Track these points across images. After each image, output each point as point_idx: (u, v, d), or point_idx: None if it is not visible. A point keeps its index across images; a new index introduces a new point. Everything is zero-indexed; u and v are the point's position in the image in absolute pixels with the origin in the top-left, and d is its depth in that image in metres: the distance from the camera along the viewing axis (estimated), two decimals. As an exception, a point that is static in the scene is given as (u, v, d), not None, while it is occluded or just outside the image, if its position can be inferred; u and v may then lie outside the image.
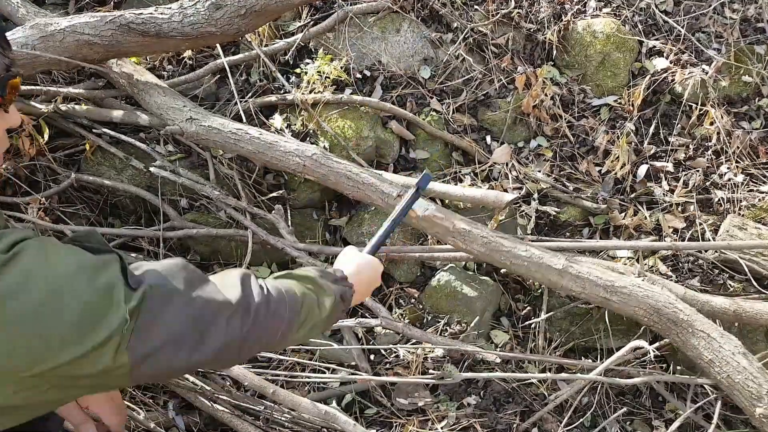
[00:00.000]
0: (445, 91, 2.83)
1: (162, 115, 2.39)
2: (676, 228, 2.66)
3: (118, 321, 0.86)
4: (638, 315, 2.06)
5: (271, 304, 1.08)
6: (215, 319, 1.00)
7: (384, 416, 2.18)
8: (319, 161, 2.21)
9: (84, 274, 0.87)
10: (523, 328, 2.51)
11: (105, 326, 0.85)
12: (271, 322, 1.08)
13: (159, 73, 2.73)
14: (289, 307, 1.12)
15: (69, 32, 2.28)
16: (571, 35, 2.96)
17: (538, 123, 2.83)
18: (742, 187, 2.73)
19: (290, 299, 1.13)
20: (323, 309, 1.19)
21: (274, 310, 1.09)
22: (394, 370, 2.29)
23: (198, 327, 0.97)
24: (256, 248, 2.45)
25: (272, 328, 1.09)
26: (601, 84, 2.95)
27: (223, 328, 1.00)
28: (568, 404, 2.26)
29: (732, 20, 3.09)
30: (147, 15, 2.31)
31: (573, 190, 2.72)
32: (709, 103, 2.84)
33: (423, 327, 2.44)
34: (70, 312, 0.84)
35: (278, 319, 1.10)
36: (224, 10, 2.29)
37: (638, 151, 2.82)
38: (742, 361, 1.94)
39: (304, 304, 1.16)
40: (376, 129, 2.68)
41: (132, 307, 0.87)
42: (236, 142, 2.28)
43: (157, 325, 0.91)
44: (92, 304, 0.86)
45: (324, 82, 2.65)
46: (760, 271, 2.47)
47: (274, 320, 1.09)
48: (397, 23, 2.85)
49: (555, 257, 2.08)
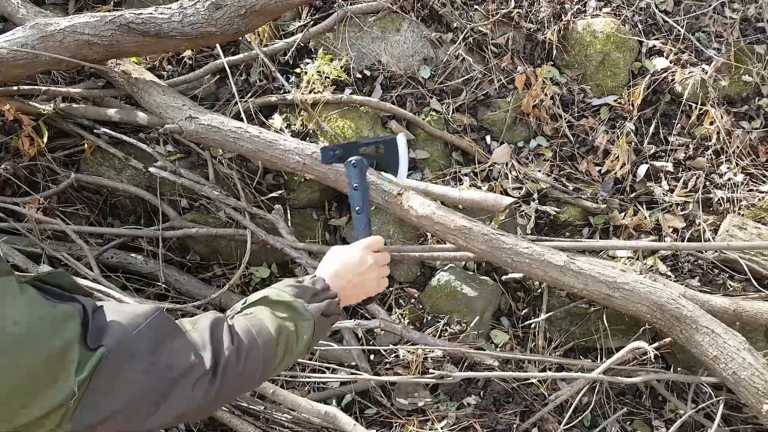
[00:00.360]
0: (444, 90, 2.83)
1: (161, 114, 2.39)
2: (675, 228, 2.66)
3: (65, 393, 0.80)
4: (641, 312, 2.05)
5: (241, 356, 1.02)
6: (177, 385, 0.93)
7: (384, 416, 2.17)
8: (318, 159, 2.21)
9: (38, 335, 0.80)
10: (523, 328, 2.50)
11: (51, 395, 0.79)
12: (243, 374, 1.02)
13: (159, 73, 2.73)
14: (263, 350, 1.06)
15: (69, 32, 2.28)
16: (571, 35, 2.96)
17: (538, 123, 2.83)
18: (742, 186, 2.73)
19: (263, 342, 1.06)
20: (302, 338, 1.12)
21: (245, 360, 1.02)
22: (394, 370, 2.28)
23: (156, 396, 0.90)
24: (255, 248, 2.45)
25: (245, 378, 1.03)
26: (601, 84, 2.95)
27: (185, 394, 0.93)
28: (568, 404, 2.25)
29: (732, 20, 3.09)
30: (147, 15, 2.31)
31: (573, 189, 2.72)
32: (709, 103, 2.84)
33: (423, 327, 2.44)
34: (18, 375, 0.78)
35: (251, 368, 1.04)
36: (224, 10, 2.29)
37: (638, 150, 2.82)
38: (747, 357, 1.93)
39: (279, 341, 1.09)
40: (375, 129, 2.68)
41: (82, 379, 0.81)
42: (235, 140, 2.27)
43: (109, 394, 0.85)
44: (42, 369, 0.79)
45: (324, 82, 2.65)
46: (760, 270, 2.46)
47: (246, 370, 1.03)
48: (397, 23, 2.85)
49: (556, 254, 2.08)
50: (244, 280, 2.58)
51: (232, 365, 1.00)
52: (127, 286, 2.46)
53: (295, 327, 1.12)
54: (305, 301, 1.16)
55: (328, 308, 1.18)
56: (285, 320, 1.11)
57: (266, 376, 1.08)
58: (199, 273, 2.64)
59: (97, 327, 0.87)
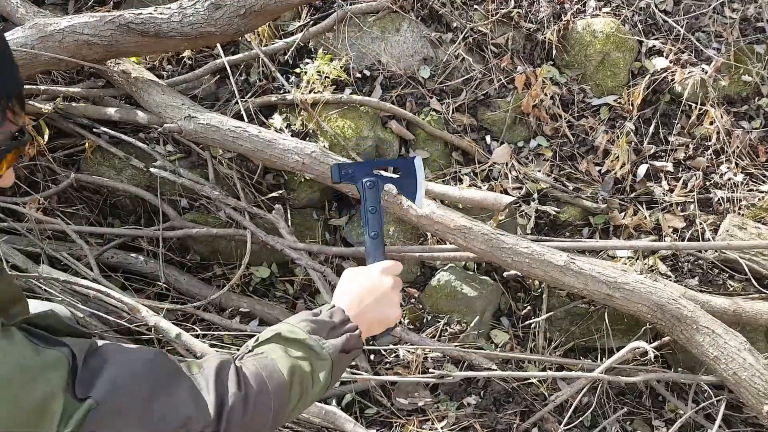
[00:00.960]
0: (444, 90, 2.82)
1: (160, 114, 2.39)
2: (675, 228, 2.66)
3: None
4: (641, 312, 2.05)
5: (249, 403, 0.94)
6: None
7: (384, 416, 2.17)
8: (318, 159, 2.21)
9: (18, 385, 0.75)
10: (523, 328, 2.50)
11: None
12: (252, 422, 0.95)
13: (158, 72, 2.73)
14: (275, 396, 0.97)
15: (68, 32, 2.28)
16: (571, 35, 2.96)
17: (538, 123, 2.83)
18: (742, 186, 2.73)
19: (275, 386, 0.98)
20: (319, 379, 1.03)
21: (254, 407, 0.94)
22: (394, 370, 2.28)
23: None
24: (255, 248, 2.45)
25: (253, 428, 0.95)
26: (601, 84, 2.95)
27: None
28: (568, 404, 2.25)
29: (732, 20, 3.09)
30: (146, 15, 2.31)
31: (573, 189, 2.72)
32: (708, 103, 2.84)
33: (423, 327, 2.44)
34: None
35: (260, 416, 0.96)
36: (223, 10, 2.29)
37: (638, 150, 2.82)
38: (748, 358, 1.93)
39: (293, 384, 1.00)
40: (375, 129, 2.67)
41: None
42: (235, 139, 2.27)
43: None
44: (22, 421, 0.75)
45: (323, 82, 2.65)
46: (760, 270, 2.46)
47: (255, 419, 0.95)
48: (397, 23, 2.85)
49: (557, 254, 2.08)
50: (245, 280, 2.58)
51: (238, 414, 0.93)
52: (127, 286, 2.46)
53: (311, 367, 1.03)
54: (322, 337, 1.06)
55: (347, 343, 1.08)
56: (299, 360, 1.02)
57: (279, 423, 1.00)
58: (199, 273, 2.64)
59: (88, 375, 0.81)
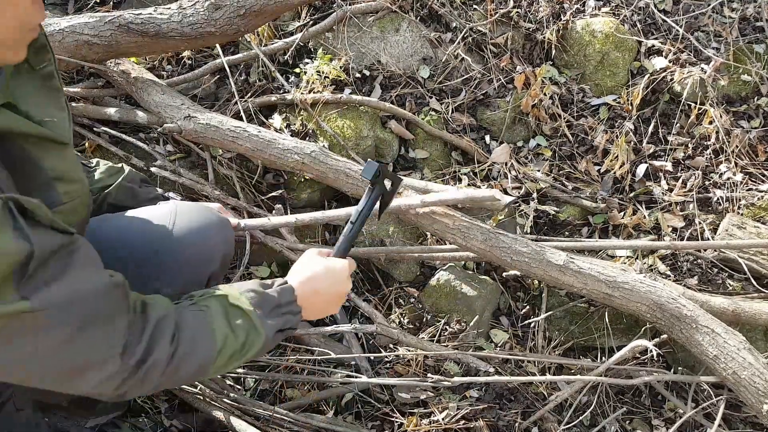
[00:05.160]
0: (444, 90, 2.83)
1: (160, 113, 2.39)
2: (675, 227, 2.66)
3: None
4: (641, 311, 2.05)
5: (174, 360, 0.97)
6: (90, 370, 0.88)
7: (385, 413, 2.17)
8: (317, 158, 2.21)
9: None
10: (523, 327, 2.50)
11: None
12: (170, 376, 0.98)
13: (158, 72, 2.73)
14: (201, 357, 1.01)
15: (68, 32, 2.29)
16: (570, 34, 2.97)
17: (537, 122, 2.83)
18: (741, 186, 2.73)
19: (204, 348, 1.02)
20: (249, 350, 1.08)
21: (178, 364, 0.98)
22: (394, 369, 2.29)
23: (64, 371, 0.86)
24: (255, 248, 2.45)
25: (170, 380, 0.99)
26: (600, 83, 2.96)
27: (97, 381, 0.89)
28: (567, 403, 2.25)
29: (731, 19, 3.09)
30: (146, 15, 2.31)
31: (572, 189, 2.72)
32: (708, 103, 2.84)
33: (422, 326, 2.44)
34: None
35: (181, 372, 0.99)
36: (223, 10, 2.30)
37: (637, 150, 2.82)
38: (747, 357, 1.93)
39: (222, 352, 1.04)
40: (375, 128, 2.68)
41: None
42: (234, 139, 2.28)
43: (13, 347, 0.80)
44: None
45: (323, 82, 2.65)
46: (759, 270, 2.47)
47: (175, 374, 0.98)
48: (396, 23, 2.85)
49: (556, 253, 2.08)
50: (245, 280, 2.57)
51: (160, 367, 0.96)
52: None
53: (245, 338, 1.07)
54: (264, 313, 1.09)
55: (285, 324, 1.13)
56: (236, 328, 1.06)
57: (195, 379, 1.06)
58: (198, 273, 2.64)
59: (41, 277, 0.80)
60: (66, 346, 0.84)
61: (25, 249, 0.78)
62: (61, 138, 1.00)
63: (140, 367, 0.93)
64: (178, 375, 0.99)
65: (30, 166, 0.92)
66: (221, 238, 1.41)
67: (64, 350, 0.84)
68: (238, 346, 1.06)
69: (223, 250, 1.40)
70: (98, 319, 0.87)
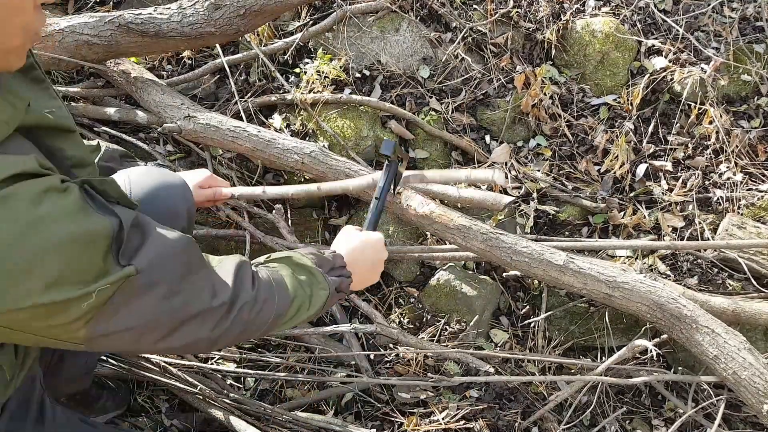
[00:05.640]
0: (444, 90, 2.83)
1: (160, 113, 2.39)
2: (675, 227, 2.66)
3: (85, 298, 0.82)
4: (641, 311, 2.05)
5: (258, 303, 1.06)
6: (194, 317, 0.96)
7: (385, 413, 2.17)
8: (317, 158, 2.21)
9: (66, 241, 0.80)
10: (523, 327, 2.50)
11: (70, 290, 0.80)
12: (254, 321, 1.06)
13: (158, 72, 2.73)
14: (278, 306, 1.09)
15: (68, 32, 2.29)
16: (570, 34, 2.97)
17: (537, 122, 2.83)
18: (741, 185, 2.73)
19: (280, 297, 1.10)
20: (314, 305, 1.16)
21: (260, 309, 1.06)
22: (394, 369, 2.29)
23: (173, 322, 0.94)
24: (255, 248, 2.45)
25: (254, 326, 1.06)
26: (600, 83, 2.96)
27: (198, 327, 0.97)
28: (567, 403, 2.25)
29: (731, 19, 3.09)
30: (146, 15, 2.31)
31: (572, 189, 2.72)
32: (708, 102, 2.84)
33: (422, 326, 2.44)
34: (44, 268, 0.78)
35: (262, 317, 1.07)
36: (223, 10, 2.30)
37: (637, 150, 2.82)
38: (748, 357, 1.93)
39: (294, 302, 1.12)
40: (375, 128, 2.68)
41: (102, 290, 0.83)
42: (234, 139, 2.28)
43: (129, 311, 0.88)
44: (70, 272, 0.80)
45: (323, 82, 2.65)
46: (759, 270, 2.47)
47: (258, 318, 1.06)
48: (396, 23, 2.85)
49: (556, 253, 2.08)
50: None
51: (248, 308, 1.03)
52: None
53: (311, 293, 1.15)
54: (325, 271, 1.19)
55: (341, 285, 1.21)
56: (303, 284, 1.14)
57: (270, 331, 1.11)
58: (198, 273, 2.63)
59: (132, 245, 0.88)
60: (170, 300, 0.92)
61: (115, 223, 0.86)
62: (69, 125, 1.04)
63: (232, 309, 1.01)
64: (261, 319, 1.06)
65: (58, 156, 0.97)
66: (179, 194, 1.48)
67: (169, 303, 0.92)
68: (306, 298, 1.14)
69: (185, 206, 1.48)
70: (190, 269, 0.96)
